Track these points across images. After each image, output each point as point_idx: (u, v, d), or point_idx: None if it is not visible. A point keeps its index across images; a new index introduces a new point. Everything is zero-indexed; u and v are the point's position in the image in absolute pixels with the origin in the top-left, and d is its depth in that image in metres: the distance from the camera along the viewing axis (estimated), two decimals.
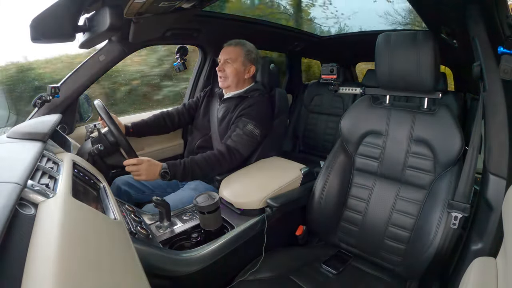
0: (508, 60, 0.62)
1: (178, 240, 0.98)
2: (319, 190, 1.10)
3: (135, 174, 1.04)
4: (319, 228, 1.12)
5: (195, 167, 1.12)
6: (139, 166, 1.02)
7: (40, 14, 0.69)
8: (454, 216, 0.83)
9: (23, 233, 0.39)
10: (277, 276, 0.94)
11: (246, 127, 1.23)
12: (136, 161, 1.02)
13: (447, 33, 1.05)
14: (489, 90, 0.78)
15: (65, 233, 0.41)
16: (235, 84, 1.34)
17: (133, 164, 1.02)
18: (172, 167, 1.08)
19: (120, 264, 0.46)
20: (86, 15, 0.79)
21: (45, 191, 0.51)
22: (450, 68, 2.01)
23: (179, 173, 1.09)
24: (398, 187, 1.01)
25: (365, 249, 1.05)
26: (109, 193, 0.75)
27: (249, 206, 1.04)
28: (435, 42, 0.90)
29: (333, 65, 1.17)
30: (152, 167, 1.05)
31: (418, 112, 0.99)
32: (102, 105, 1.04)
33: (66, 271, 0.35)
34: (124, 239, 0.57)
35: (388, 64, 0.97)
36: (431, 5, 0.84)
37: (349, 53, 2.47)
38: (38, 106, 1.21)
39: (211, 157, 1.17)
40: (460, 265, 0.83)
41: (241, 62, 1.31)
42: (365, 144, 1.07)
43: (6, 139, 0.74)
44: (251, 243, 0.98)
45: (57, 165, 0.69)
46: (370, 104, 1.09)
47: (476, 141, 0.84)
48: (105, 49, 1.37)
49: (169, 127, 1.48)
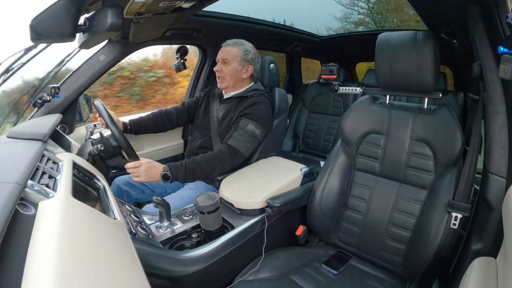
0: (508, 60, 0.62)
1: (178, 240, 0.98)
2: (319, 190, 1.10)
3: (134, 175, 1.04)
4: (319, 228, 1.12)
5: (196, 168, 1.12)
6: (138, 168, 1.03)
7: (40, 14, 0.69)
8: (454, 216, 0.83)
9: (23, 233, 0.39)
10: (277, 276, 0.94)
11: (247, 127, 1.23)
12: (134, 164, 1.02)
13: (447, 33, 1.05)
14: (489, 90, 0.78)
15: (65, 233, 0.41)
16: (233, 85, 1.33)
17: (133, 167, 1.03)
18: (173, 169, 1.08)
19: (120, 264, 0.46)
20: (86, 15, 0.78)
21: (45, 191, 0.51)
22: (450, 68, 2.01)
23: (180, 175, 1.09)
24: (398, 187, 1.01)
25: (365, 249, 1.05)
26: (109, 193, 0.75)
27: (249, 206, 1.04)
28: (435, 42, 0.90)
29: (333, 65, 1.17)
30: (152, 169, 1.05)
31: (418, 112, 0.99)
32: (102, 105, 1.04)
33: (66, 271, 0.35)
34: (124, 239, 0.56)
35: (388, 64, 0.97)
36: (431, 5, 0.84)
37: (349, 53, 2.48)
38: (38, 106, 1.21)
39: (212, 157, 1.17)
40: (460, 265, 0.83)
41: (238, 62, 1.30)
42: (366, 144, 1.07)
43: (6, 139, 0.74)
44: (251, 243, 0.98)
45: (57, 165, 0.69)
46: (370, 104, 1.09)
47: (476, 141, 0.84)
48: (105, 49, 1.37)
49: (167, 125, 1.48)
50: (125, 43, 1.36)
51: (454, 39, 1.12)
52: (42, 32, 0.69)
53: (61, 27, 0.70)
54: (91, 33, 0.76)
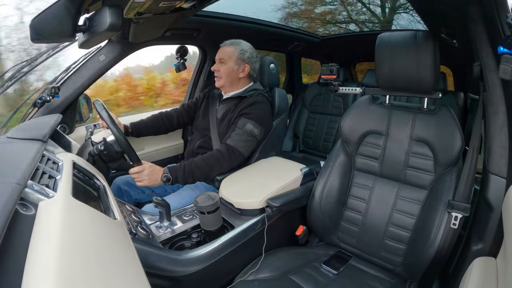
0: (508, 60, 0.62)
1: (178, 240, 0.98)
2: (319, 190, 1.10)
3: (137, 180, 1.06)
4: (319, 228, 1.12)
5: (195, 169, 1.13)
6: (141, 173, 1.05)
7: (40, 14, 0.68)
8: (454, 216, 0.83)
9: (23, 233, 0.39)
10: (277, 276, 0.94)
11: (245, 126, 1.23)
12: (137, 169, 1.04)
13: (447, 33, 1.05)
14: (489, 90, 0.78)
15: (65, 233, 0.41)
16: (230, 84, 1.34)
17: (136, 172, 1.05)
18: (173, 171, 1.10)
19: (120, 264, 0.46)
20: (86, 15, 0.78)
21: (45, 191, 0.51)
22: (450, 68, 2.01)
23: (180, 176, 1.11)
24: (398, 187, 1.01)
25: (365, 249, 1.05)
26: (109, 193, 0.75)
27: (249, 206, 1.04)
28: (435, 42, 0.90)
29: (333, 65, 1.17)
30: (154, 173, 1.07)
31: (418, 112, 0.99)
32: (102, 105, 1.04)
33: (67, 271, 0.35)
34: (124, 239, 0.56)
35: (388, 64, 0.97)
36: (431, 5, 0.84)
37: (349, 53, 2.47)
38: (38, 106, 1.21)
39: (211, 157, 1.17)
40: (460, 265, 0.83)
41: (234, 61, 1.31)
42: (365, 144, 1.07)
43: (6, 139, 0.74)
44: (251, 243, 0.97)
45: (57, 165, 0.69)
46: (370, 104, 1.09)
47: (476, 141, 0.84)
48: (105, 49, 1.37)
49: (168, 127, 1.49)
50: (125, 43, 1.36)
51: (454, 39, 1.12)
52: (42, 32, 0.69)
53: (61, 27, 0.70)
54: (91, 33, 0.76)
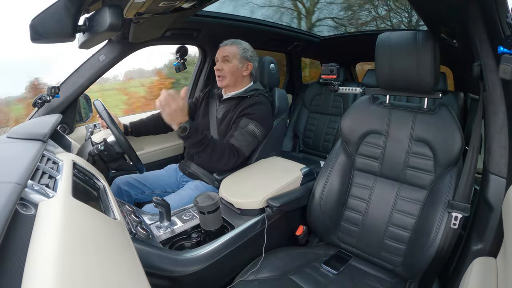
0: (508, 60, 0.62)
1: (178, 240, 0.98)
2: (319, 190, 1.10)
3: (164, 104, 1.02)
4: (319, 228, 1.12)
5: (210, 144, 1.13)
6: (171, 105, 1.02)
7: (40, 14, 0.69)
8: (454, 216, 0.83)
9: (23, 233, 0.39)
10: (277, 276, 0.94)
11: (247, 127, 1.24)
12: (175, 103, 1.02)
13: (447, 33, 1.05)
14: (489, 90, 0.78)
15: (65, 233, 0.41)
16: (234, 83, 1.34)
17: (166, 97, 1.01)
18: (193, 129, 1.09)
19: (120, 264, 0.46)
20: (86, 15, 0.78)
21: (45, 191, 0.51)
22: (450, 68, 2.01)
23: (195, 137, 1.10)
24: (398, 187, 1.01)
25: (365, 249, 1.05)
26: (109, 193, 0.75)
27: (249, 206, 1.04)
28: (435, 42, 0.90)
29: (333, 65, 1.16)
30: (179, 116, 1.05)
31: (418, 112, 0.99)
32: (102, 105, 1.04)
33: (66, 271, 0.35)
34: (124, 239, 0.56)
35: (388, 64, 0.97)
36: (431, 5, 0.84)
37: (349, 53, 2.47)
38: (38, 106, 1.21)
39: (221, 145, 1.19)
40: (460, 265, 0.83)
41: (238, 60, 1.32)
42: (365, 144, 1.07)
43: (6, 139, 0.74)
44: (251, 243, 0.98)
45: (57, 165, 0.69)
46: (370, 104, 1.09)
47: (476, 141, 0.84)
48: (105, 49, 1.37)
49: (167, 127, 1.47)
50: (125, 43, 1.36)
51: (454, 39, 1.12)
52: (42, 32, 0.69)
53: (61, 27, 0.70)
54: (91, 33, 0.76)
